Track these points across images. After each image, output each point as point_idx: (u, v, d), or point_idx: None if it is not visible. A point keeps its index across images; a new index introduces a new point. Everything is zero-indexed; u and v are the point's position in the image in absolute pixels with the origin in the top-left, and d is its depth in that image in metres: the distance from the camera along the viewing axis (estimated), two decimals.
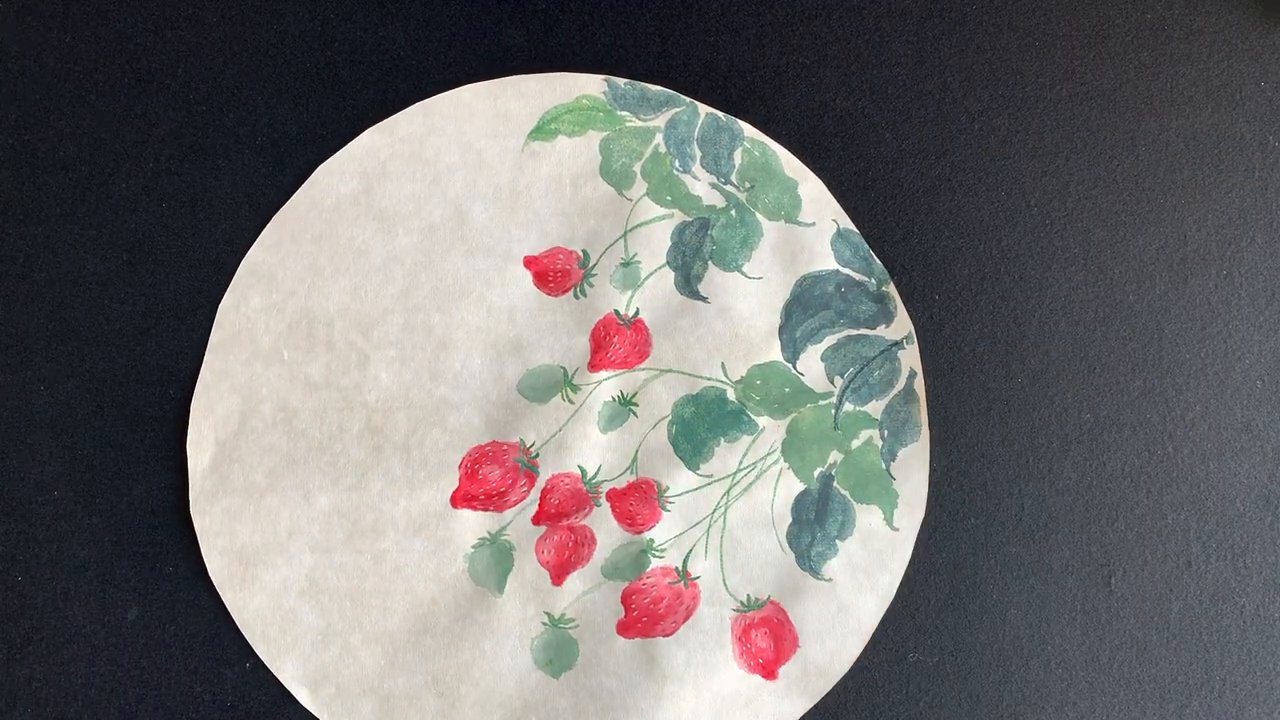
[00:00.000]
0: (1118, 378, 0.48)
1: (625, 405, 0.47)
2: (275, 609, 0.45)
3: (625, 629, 0.46)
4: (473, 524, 0.46)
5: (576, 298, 0.47)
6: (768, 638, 0.46)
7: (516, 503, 0.46)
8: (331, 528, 0.46)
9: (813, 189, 0.48)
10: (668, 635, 0.45)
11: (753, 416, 0.47)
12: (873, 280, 0.48)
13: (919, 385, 0.47)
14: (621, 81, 0.49)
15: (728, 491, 0.46)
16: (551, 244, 0.48)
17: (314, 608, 0.45)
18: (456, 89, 0.49)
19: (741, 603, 0.46)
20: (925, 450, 0.47)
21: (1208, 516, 0.47)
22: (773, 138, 0.49)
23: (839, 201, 0.48)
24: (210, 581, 0.46)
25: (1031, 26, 0.50)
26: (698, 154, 0.48)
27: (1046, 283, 0.48)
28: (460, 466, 0.46)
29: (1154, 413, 0.47)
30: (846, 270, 0.48)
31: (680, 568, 0.46)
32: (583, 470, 0.47)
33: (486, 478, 0.46)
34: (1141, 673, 0.46)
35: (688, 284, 0.48)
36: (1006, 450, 0.47)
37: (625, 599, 0.46)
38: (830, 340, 0.47)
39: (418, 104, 0.48)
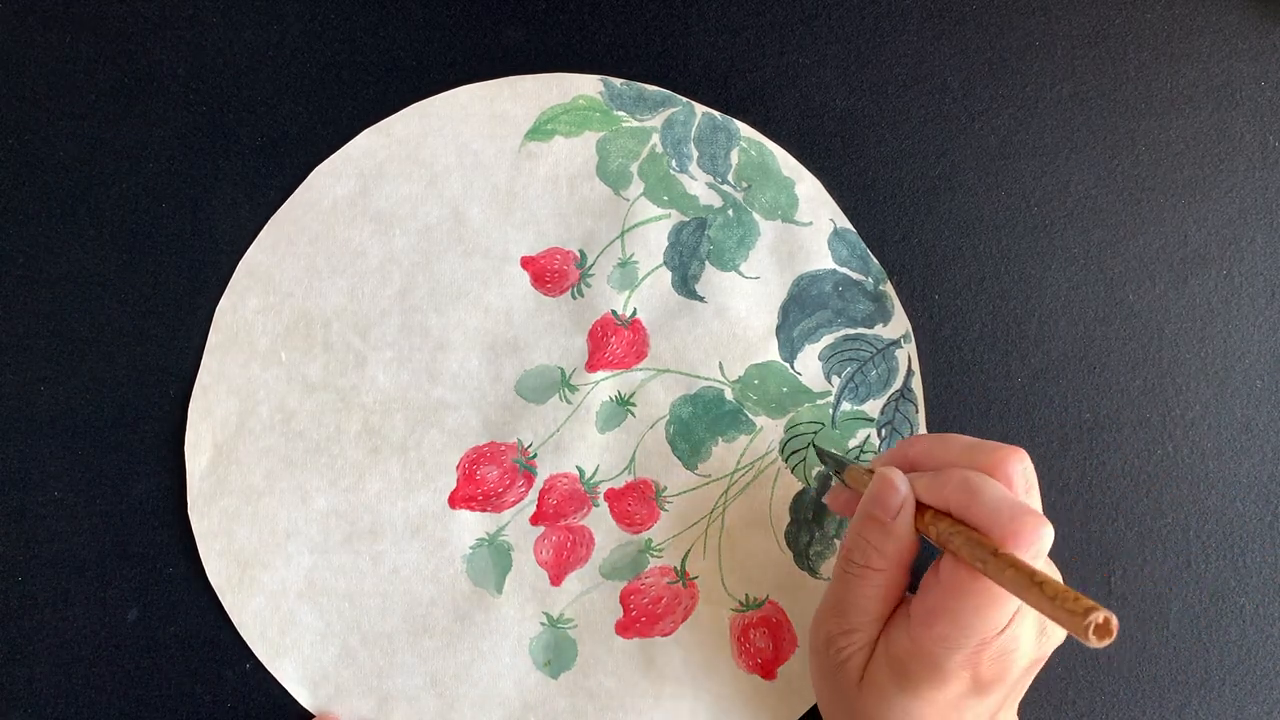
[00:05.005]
0: (1118, 378, 0.47)
1: (623, 405, 0.47)
2: (274, 610, 0.46)
3: (624, 629, 0.46)
4: (471, 525, 0.46)
5: (574, 298, 0.47)
6: (766, 637, 0.46)
7: (514, 503, 0.46)
8: (329, 529, 0.46)
9: (809, 188, 0.48)
10: (666, 635, 0.45)
11: (750, 416, 0.47)
12: (870, 279, 0.48)
13: (916, 384, 0.47)
14: (618, 81, 0.49)
15: (725, 491, 0.46)
16: (548, 244, 0.48)
17: (312, 609, 0.46)
18: (453, 90, 0.48)
19: (740, 602, 0.46)
20: None
21: (1208, 516, 0.47)
22: (772, 138, 0.48)
23: (839, 201, 0.48)
24: (209, 583, 0.46)
25: (1031, 26, 0.50)
26: (694, 154, 0.48)
27: (1046, 283, 0.48)
28: (458, 467, 0.46)
29: (1154, 412, 0.47)
30: (844, 269, 0.48)
31: (678, 567, 0.46)
32: (580, 470, 0.46)
33: (484, 478, 0.46)
34: (1141, 672, 0.46)
35: (685, 284, 0.47)
36: None
37: (624, 599, 0.46)
38: (828, 339, 0.47)
39: (414, 105, 0.48)
